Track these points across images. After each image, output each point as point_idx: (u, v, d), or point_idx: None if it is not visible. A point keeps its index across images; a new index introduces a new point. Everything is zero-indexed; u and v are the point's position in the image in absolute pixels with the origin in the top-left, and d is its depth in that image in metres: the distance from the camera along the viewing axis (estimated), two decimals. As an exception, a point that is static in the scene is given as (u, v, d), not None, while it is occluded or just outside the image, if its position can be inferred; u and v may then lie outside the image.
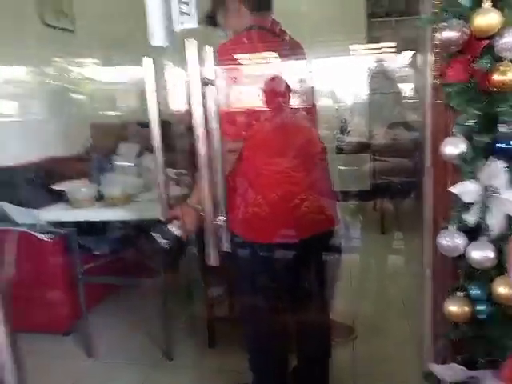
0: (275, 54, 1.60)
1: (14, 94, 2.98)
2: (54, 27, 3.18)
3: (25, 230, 2.40)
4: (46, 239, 2.38)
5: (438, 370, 0.94)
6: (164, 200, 1.46)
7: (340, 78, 3.08)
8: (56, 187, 2.49)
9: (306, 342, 1.76)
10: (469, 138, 0.94)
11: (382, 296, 2.45)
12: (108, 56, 3.37)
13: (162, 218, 1.50)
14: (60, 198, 2.40)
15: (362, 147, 3.14)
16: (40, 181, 2.85)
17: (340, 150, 2.74)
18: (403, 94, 3.34)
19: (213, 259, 1.34)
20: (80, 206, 2.25)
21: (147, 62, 1.28)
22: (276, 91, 1.70)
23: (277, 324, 1.67)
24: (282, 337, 1.70)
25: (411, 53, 2.99)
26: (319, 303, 1.76)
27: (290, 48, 1.67)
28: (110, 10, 3.22)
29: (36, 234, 2.39)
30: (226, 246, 1.37)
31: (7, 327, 1.64)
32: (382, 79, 3.30)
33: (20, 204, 2.65)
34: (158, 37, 1.74)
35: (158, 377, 2.06)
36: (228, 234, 1.38)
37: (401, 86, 3.35)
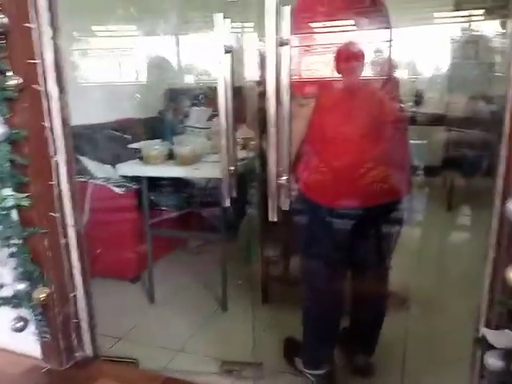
0: (355, 11, 1.56)
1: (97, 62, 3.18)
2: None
3: (101, 182, 2.60)
4: (119, 192, 2.56)
5: (491, 335, 0.92)
6: (225, 162, 1.49)
7: (421, 47, 2.93)
8: (132, 145, 2.65)
9: (360, 306, 1.78)
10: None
11: (441, 271, 2.39)
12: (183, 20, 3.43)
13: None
14: (135, 155, 2.54)
15: (437, 119, 3.01)
16: (117, 139, 3.05)
17: (412, 122, 2.62)
18: (489, 65, 3.11)
19: (273, 216, 1.38)
20: (152, 163, 2.38)
21: (218, 19, 1.28)
22: (349, 56, 1.66)
23: (333, 285, 1.70)
24: (336, 298, 1.74)
25: (500, 20, 2.75)
26: (376, 271, 1.76)
27: (371, 4, 1.61)
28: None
29: (111, 186, 2.58)
30: (286, 205, 1.41)
31: (82, 268, 1.83)
32: (466, 48, 3.09)
33: (99, 159, 2.86)
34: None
35: (212, 326, 2.19)
36: (288, 194, 1.41)
37: (487, 55, 3.10)
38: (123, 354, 1.90)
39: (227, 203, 1.51)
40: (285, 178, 1.38)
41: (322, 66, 1.67)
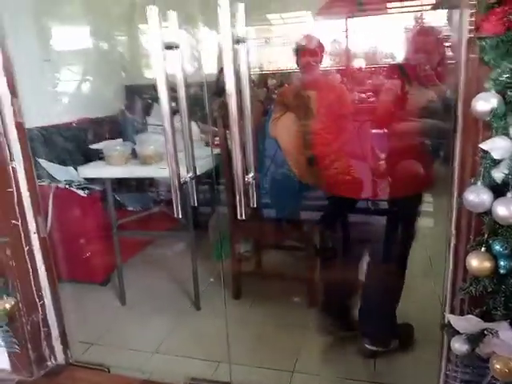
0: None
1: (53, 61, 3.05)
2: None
3: (64, 186, 2.53)
4: (83, 195, 2.50)
5: (455, 321, 0.96)
6: (174, 172, 1.46)
7: (377, 37, 2.98)
8: (93, 146, 2.58)
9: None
10: (501, 93, 0.93)
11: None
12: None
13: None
14: (97, 156, 2.48)
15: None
16: (78, 140, 2.96)
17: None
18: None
19: (242, 213, 1.39)
20: (115, 164, 2.33)
21: (151, 12, 1.15)
22: (307, 50, 1.68)
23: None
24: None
25: (448, 10, 2.83)
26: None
27: None
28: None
29: (74, 189, 2.51)
30: (253, 202, 1.42)
31: (49, 275, 1.79)
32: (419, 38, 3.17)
33: (60, 162, 2.78)
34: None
35: (186, 325, 2.18)
36: (255, 191, 1.42)
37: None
38: (97, 360, 1.87)
39: (179, 215, 1.46)
40: (251, 175, 1.38)
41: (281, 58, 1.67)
